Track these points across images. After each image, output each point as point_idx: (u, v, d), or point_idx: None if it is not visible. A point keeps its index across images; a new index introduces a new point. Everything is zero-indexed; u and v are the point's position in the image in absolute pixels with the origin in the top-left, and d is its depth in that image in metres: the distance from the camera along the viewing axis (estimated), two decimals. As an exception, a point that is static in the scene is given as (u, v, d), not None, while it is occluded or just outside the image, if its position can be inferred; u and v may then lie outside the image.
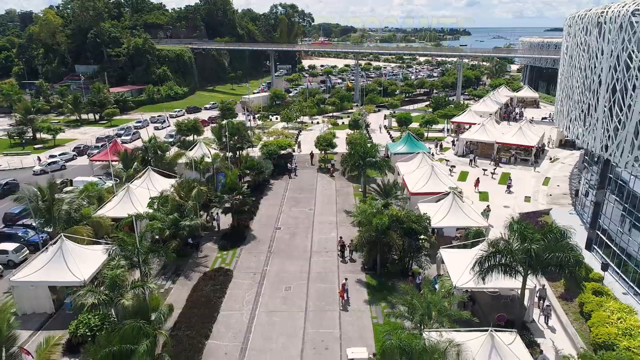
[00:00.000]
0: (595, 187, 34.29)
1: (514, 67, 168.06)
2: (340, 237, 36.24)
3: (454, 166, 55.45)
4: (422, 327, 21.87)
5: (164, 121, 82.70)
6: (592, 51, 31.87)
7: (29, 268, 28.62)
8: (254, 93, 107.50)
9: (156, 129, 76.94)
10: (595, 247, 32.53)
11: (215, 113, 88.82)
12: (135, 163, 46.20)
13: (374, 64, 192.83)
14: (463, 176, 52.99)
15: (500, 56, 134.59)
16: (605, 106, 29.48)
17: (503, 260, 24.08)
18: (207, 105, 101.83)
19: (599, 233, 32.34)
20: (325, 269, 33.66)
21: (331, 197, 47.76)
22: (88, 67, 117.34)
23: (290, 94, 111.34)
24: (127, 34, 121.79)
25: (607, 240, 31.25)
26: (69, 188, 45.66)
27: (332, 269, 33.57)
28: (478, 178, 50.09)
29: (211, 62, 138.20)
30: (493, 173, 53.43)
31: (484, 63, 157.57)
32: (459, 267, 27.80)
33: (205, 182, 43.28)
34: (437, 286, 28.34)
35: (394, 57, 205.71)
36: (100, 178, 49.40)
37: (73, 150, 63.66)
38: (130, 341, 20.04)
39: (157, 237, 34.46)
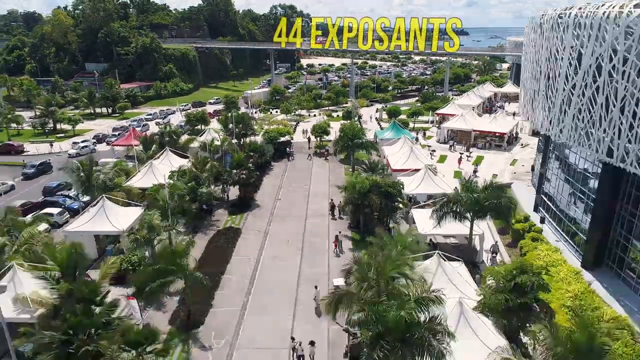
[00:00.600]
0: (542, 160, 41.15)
1: (505, 66, 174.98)
2: (331, 199, 43.27)
3: (434, 150, 62.28)
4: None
5: (165, 117, 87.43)
6: (537, 46, 38.73)
7: (78, 221, 35.48)
8: (255, 89, 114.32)
9: (157, 124, 79.37)
10: (540, 208, 39.41)
11: (219, 107, 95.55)
12: (154, 145, 53.20)
13: (370, 62, 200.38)
14: (442, 159, 59.86)
15: (488, 54, 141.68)
16: (543, 91, 36.35)
17: (454, 208, 30.97)
18: (212, 100, 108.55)
19: (542, 197, 39.23)
20: (318, 227, 40.52)
21: (324, 176, 54.65)
22: (98, 65, 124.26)
23: (290, 90, 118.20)
24: (135, 33, 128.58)
25: (548, 202, 38.15)
26: (96, 168, 52.39)
27: (323, 227, 40.48)
28: (460, 157, 57.39)
29: (214, 61, 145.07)
30: (469, 156, 60.32)
31: (475, 62, 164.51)
32: (425, 221, 34.69)
33: (216, 161, 49.98)
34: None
35: (390, 56, 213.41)
36: (122, 161, 56.14)
37: (93, 138, 70.38)
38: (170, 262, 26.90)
39: (177, 203, 41.16)
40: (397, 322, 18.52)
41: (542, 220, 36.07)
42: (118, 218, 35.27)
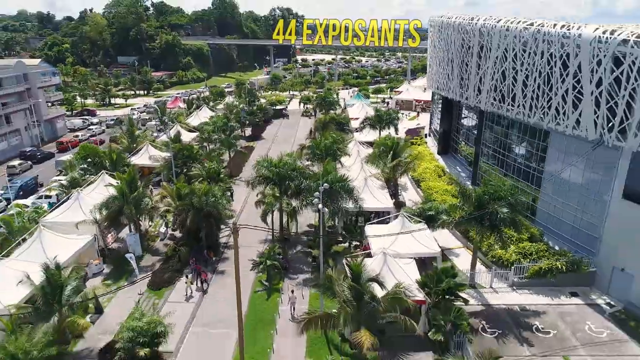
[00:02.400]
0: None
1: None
2: (311, 128, 70.84)
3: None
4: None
5: (192, 94, 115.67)
6: (433, 38, 65.89)
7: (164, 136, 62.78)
8: (259, 76, 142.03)
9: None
10: (430, 133, 66.87)
11: (231, 89, 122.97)
12: (194, 104, 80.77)
13: (358, 57, 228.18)
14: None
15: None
16: (430, 64, 63.62)
17: (371, 122, 58.48)
18: (224, 85, 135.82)
19: (431, 127, 66.71)
20: (301, 143, 67.83)
21: (308, 124, 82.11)
22: (129, 58, 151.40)
23: (286, 78, 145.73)
24: (159, 32, 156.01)
25: (433, 128, 65.60)
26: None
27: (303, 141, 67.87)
28: (418, 112, 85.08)
29: (223, 55, 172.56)
30: (406, 116, 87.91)
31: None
32: (358, 135, 62.09)
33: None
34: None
35: (377, 52, 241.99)
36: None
37: (143, 106, 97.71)
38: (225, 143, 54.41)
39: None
40: (324, 146, 45.90)
41: (426, 136, 63.65)
42: (188, 135, 62.59)
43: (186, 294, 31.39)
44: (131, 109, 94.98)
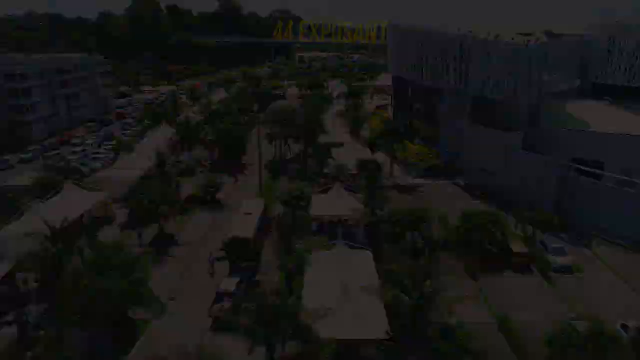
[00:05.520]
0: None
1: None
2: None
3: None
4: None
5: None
6: (389, 36, 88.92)
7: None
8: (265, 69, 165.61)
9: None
10: (392, 104, 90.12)
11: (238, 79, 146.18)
12: (211, 87, 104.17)
13: (351, 55, 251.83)
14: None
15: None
16: (390, 54, 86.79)
17: (346, 94, 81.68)
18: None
19: (392, 104, 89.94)
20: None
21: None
22: (148, 53, 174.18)
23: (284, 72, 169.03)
24: (175, 31, 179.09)
25: (394, 100, 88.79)
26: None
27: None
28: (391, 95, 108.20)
29: (230, 51, 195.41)
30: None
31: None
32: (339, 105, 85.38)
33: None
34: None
35: (368, 50, 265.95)
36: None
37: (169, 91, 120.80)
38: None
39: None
40: (311, 99, 69.07)
41: (387, 108, 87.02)
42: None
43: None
44: (161, 94, 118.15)
